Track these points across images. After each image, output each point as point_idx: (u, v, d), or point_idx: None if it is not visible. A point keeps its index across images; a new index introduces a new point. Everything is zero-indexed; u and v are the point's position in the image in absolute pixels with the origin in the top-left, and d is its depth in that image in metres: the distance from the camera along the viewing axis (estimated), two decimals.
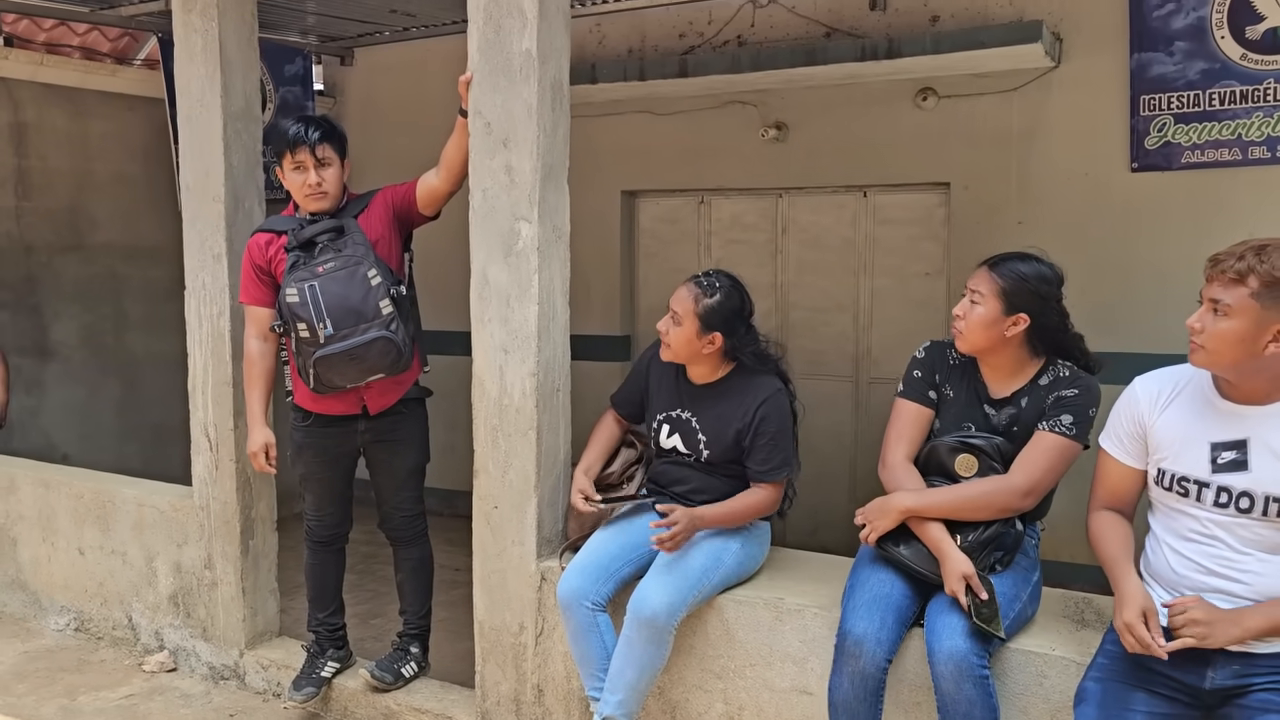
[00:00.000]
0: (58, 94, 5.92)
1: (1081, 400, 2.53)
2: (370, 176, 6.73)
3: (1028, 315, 2.55)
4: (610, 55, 5.91)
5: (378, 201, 3.40)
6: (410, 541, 3.59)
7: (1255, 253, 2.02)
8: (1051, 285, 2.59)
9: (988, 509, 2.49)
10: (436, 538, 5.74)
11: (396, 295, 3.23)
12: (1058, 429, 2.50)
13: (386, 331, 3.20)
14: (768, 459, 2.88)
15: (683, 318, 2.88)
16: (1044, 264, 2.62)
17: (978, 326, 2.56)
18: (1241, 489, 2.09)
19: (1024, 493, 2.49)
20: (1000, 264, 2.59)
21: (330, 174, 3.31)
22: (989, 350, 2.59)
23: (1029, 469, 2.49)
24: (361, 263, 3.21)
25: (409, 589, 3.63)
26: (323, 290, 3.18)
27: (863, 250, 5.58)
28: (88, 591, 4.38)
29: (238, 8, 3.67)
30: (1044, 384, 2.59)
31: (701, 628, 2.89)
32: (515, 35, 2.97)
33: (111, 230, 6.21)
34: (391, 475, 3.52)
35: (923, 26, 5.11)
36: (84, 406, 6.12)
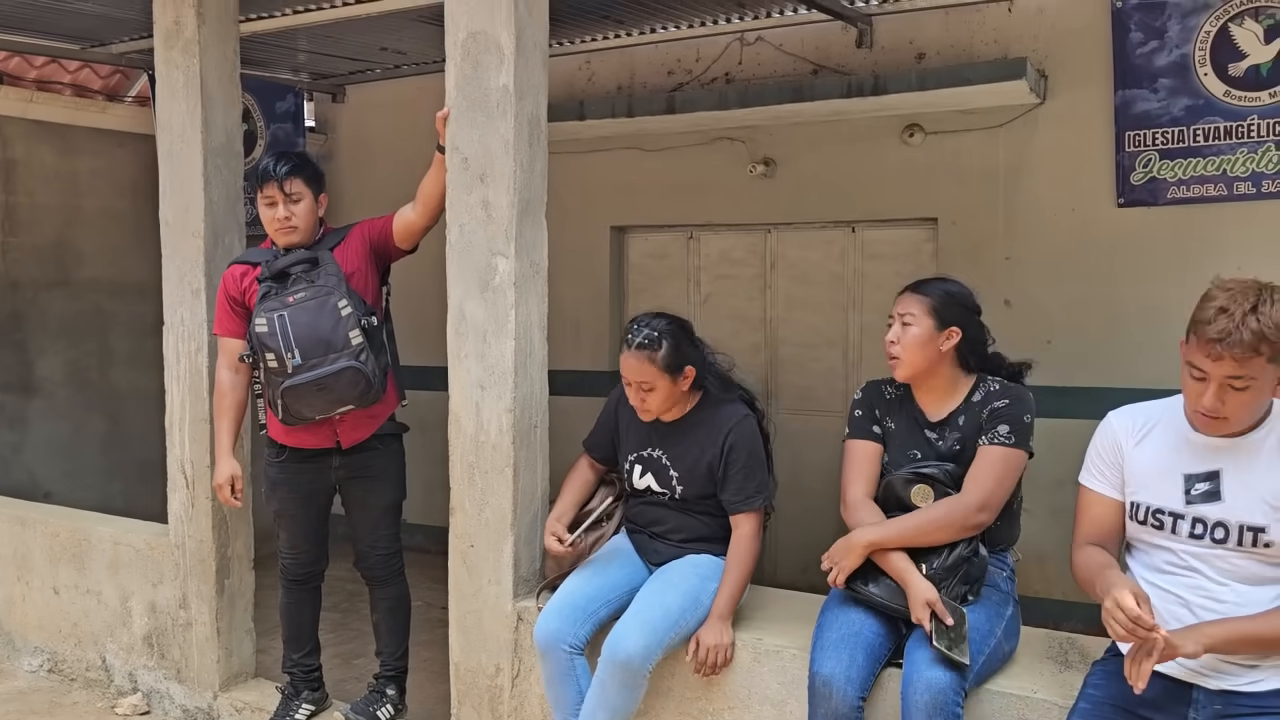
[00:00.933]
0: (47, 130, 5.94)
1: (1014, 409, 2.57)
2: (362, 212, 6.68)
3: (959, 328, 2.61)
4: (599, 92, 5.93)
5: (355, 235, 3.39)
6: (386, 581, 3.54)
7: (1254, 317, 1.93)
8: (972, 298, 2.70)
9: (948, 528, 2.49)
10: (421, 575, 5.69)
11: (367, 326, 3.21)
12: (997, 440, 2.54)
13: (355, 362, 3.17)
14: (741, 487, 2.85)
15: (652, 381, 2.85)
16: (960, 283, 2.71)
17: (915, 347, 2.60)
18: (1216, 519, 2.08)
19: (978, 507, 2.50)
20: (922, 285, 2.67)
21: (300, 209, 3.32)
22: (926, 371, 2.63)
23: (978, 484, 2.52)
24: (332, 293, 3.20)
25: (385, 629, 3.57)
26: (292, 320, 3.17)
27: (851, 286, 5.57)
28: (61, 632, 4.31)
29: (219, 44, 3.68)
30: (977, 400, 2.63)
31: (679, 669, 2.83)
32: (492, 71, 2.97)
33: (98, 266, 6.19)
34: (367, 512, 3.47)
35: (909, 63, 5.13)
36: (68, 443, 6.07)
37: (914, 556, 2.50)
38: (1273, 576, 2.05)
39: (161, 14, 3.69)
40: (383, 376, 3.29)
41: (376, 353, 3.26)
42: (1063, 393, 4.91)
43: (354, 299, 3.23)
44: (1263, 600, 2.04)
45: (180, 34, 3.64)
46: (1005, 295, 5.05)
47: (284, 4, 4.99)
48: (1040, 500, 4.81)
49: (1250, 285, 1.99)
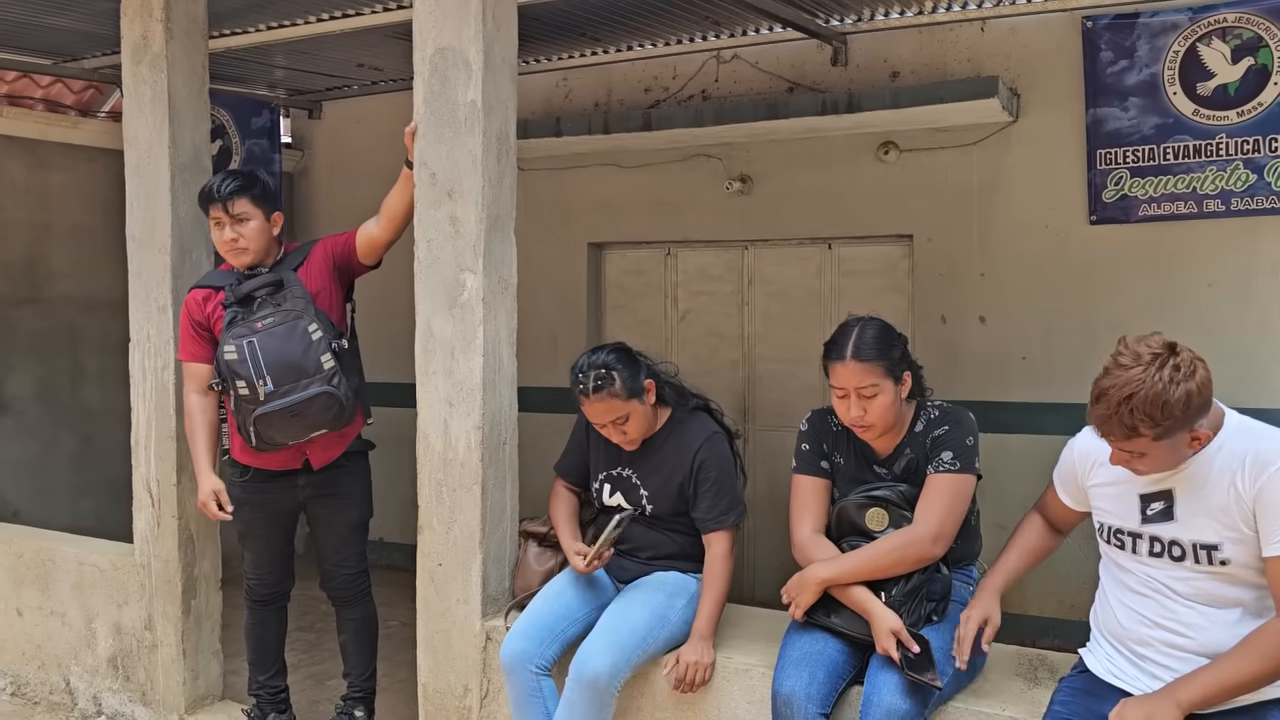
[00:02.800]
0: (17, 145, 5.88)
1: (954, 433, 2.55)
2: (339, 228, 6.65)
3: (909, 370, 2.60)
4: (576, 109, 5.93)
5: (317, 253, 3.35)
6: (352, 601, 3.49)
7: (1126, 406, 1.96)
8: (899, 333, 2.64)
9: (902, 563, 2.47)
10: (398, 594, 5.64)
11: (338, 349, 3.18)
12: (942, 468, 2.53)
13: (329, 386, 3.14)
14: (713, 504, 2.83)
15: (623, 412, 2.82)
16: (875, 321, 2.62)
17: (885, 412, 2.54)
18: (1170, 538, 2.10)
19: (932, 539, 2.47)
20: (862, 349, 2.53)
21: (248, 230, 3.26)
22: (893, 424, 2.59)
23: (929, 515, 2.49)
24: (301, 317, 3.15)
25: (352, 650, 3.52)
26: (262, 347, 3.11)
27: (828, 302, 5.57)
28: (25, 654, 4.24)
29: (187, 59, 3.66)
30: (919, 430, 2.61)
31: (648, 688, 2.80)
32: (460, 87, 2.96)
33: (69, 282, 6.13)
34: (334, 531, 3.43)
35: (883, 81, 5.16)
36: (37, 462, 5.99)
37: (873, 584, 2.47)
38: (1234, 597, 2.05)
39: (129, 28, 3.67)
40: (354, 398, 3.26)
41: (348, 374, 3.22)
42: (1037, 409, 4.92)
43: (323, 321, 3.19)
44: (1227, 621, 2.04)
45: (148, 48, 3.62)
46: (980, 312, 5.07)
47: (259, 19, 4.97)
48: (1014, 515, 4.76)
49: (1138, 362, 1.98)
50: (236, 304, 3.23)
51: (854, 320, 2.60)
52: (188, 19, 3.64)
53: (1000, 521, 2.88)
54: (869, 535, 2.54)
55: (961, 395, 4.33)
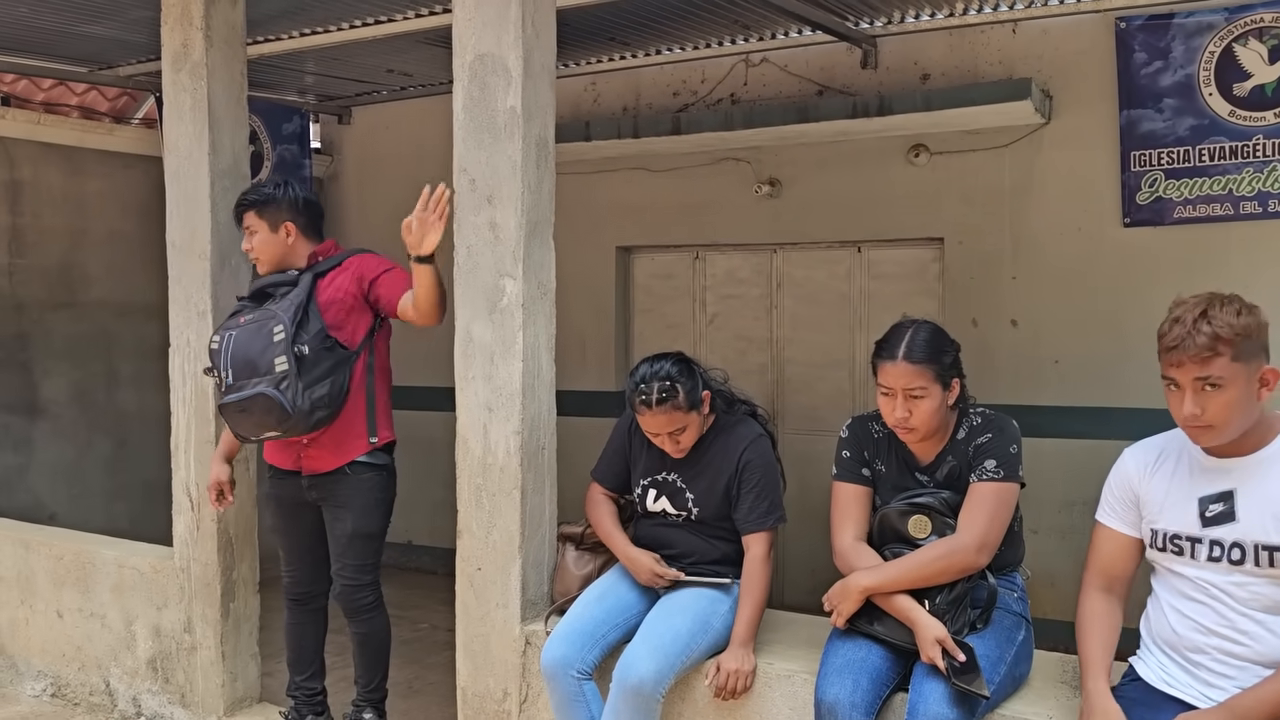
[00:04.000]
0: (54, 152, 5.96)
1: (998, 441, 2.53)
2: (368, 233, 6.78)
3: (958, 377, 2.58)
4: (605, 113, 5.95)
5: (352, 267, 3.37)
6: (354, 614, 3.43)
7: (1205, 321, 1.99)
8: (952, 339, 2.62)
9: (946, 573, 2.45)
10: (429, 597, 5.69)
11: (298, 354, 3.15)
12: (985, 476, 2.50)
13: (271, 389, 3.13)
14: (754, 505, 2.84)
15: (682, 422, 2.84)
16: (929, 324, 2.61)
17: (930, 416, 2.53)
18: (1232, 540, 2.07)
19: (976, 549, 2.46)
20: (914, 350, 2.52)
21: (256, 241, 3.38)
22: (936, 429, 2.58)
23: (973, 524, 2.47)
24: (273, 318, 3.19)
25: (358, 661, 3.52)
26: (235, 341, 3.20)
27: (858, 305, 5.56)
28: (65, 656, 4.28)
29: (227, 67, 3.69)
30: (962, 438, 2.59)
31: (689, 693, 2.80)
32: (500, 93, 2.97)
33: (104, 287, 6.20)
34: (334, 539, 3.43)
35: (914, 84, 5.15)
36: (73, 465, 6.07)
37: (916, 593, 2.46)
38: None
39: (170, 37, 3.70)
40: (324, 410, 3.22)
41: (313, 383, 3.18)
42: (1069, 412, 4.90)
43: (303, 326, 3.19)
44: None
45: (188, 56, 3.66)
46: (1012, 315, 5.05)
47: (291, 26, 5.02)
48: (1049, 521, 4.80)
49: (1203, 296, 2.06)
50: (249, 298, 3.35)
51: (908, 321, 2.59)
52: (227, 27, 3.68)
53: (1033, 526, 2.86)
54: (912, 542, 2.53)
55: (993, 399, 4.31)
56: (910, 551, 2.51)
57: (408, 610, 5.50)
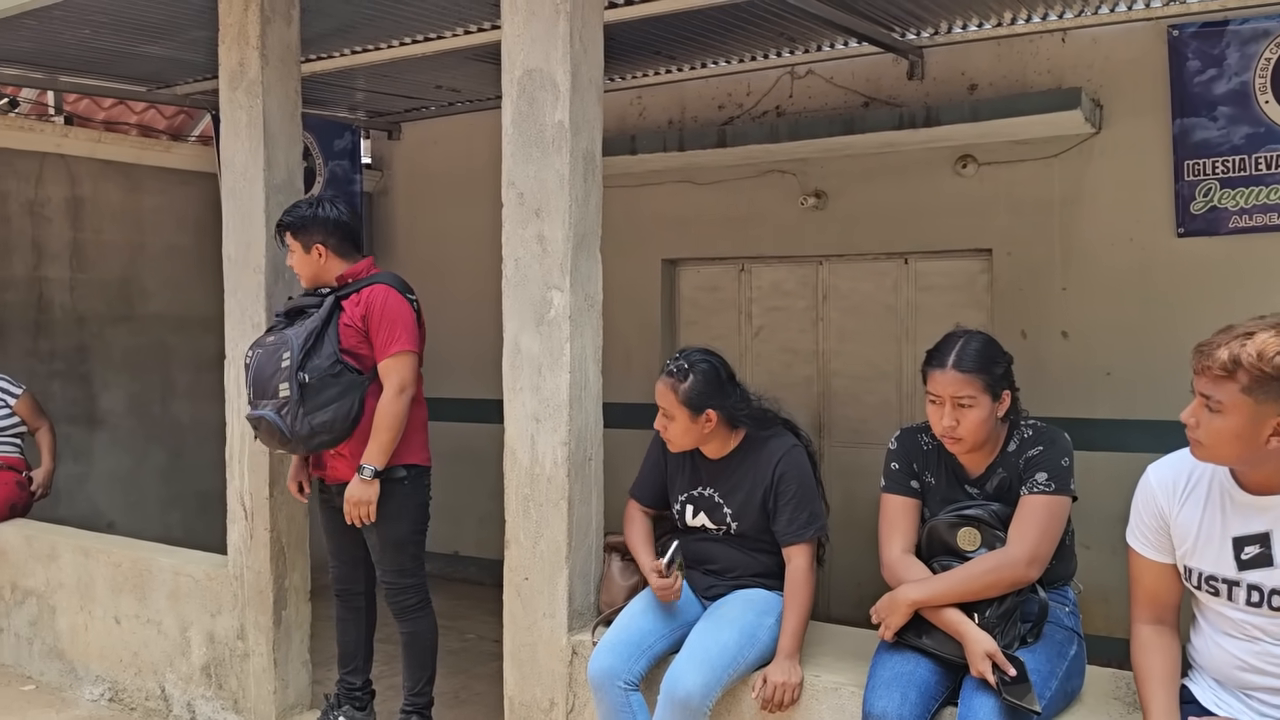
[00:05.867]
0: (114, 170, 6.12)
1: (1049, 454, 2.50)
2: (418, 247, 6.90)
3: (1009, 390, 2.55)
4: (650, 126, 5.98)
5: (364, 301, 3.43)
6: (399, 615, 3.57)
7: (1241, 342, 1.89)
8: (1003, 350, 2.59)
9: (996, 586, 2.42)
10: (476, 608, 5.73)
11: (302, 381, 3.27)
12: (1036, 489, 2.47)
13: (274, 414, 3.30)
14: (793, 517, 2.83)
15: (671, 411, 2.88)
16: (981, 334, 2.59)
17: (978, 427, 2.51)
18: (1272, 586, 1.97)
19: (1027, 562, 2.42)
20: (965, 359, 2.50)
21: (294, 260, 3.54)
22: (985, 441, 2.55)
23: (1024, 537, 2.44)
24: (286, 344, 3.32)
25: (404, 664, 3.62)
26: (256, 361, 3.38)
27: (905, 317, 5.53)
28: (122, 661, 4.37)
29: (281, 85, 3.77)
30: (1013, 450, 2.56)
31: (735, 706, 2.79)
32: (548, 107, 3.01)
33: (161, 301, 6.35)
34: (371, 546, 3.57)
35: (961, 95, 5.11)
36: (130, 475, 6.21)
37: (965, 606, 2.43)
38: None
39: (226, 56, 3.79)
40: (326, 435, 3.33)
41: (315, 409, 3.29)
42: (1122, 425, 4.82)
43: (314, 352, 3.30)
44: None
45: (244, 75, 3.74)
46: (1062, 327, 4.99)
47: (343, 44, 5.11)
48: (1100, 536, 4.71)
49: (1272, 320, 1.93)
50: (284, 315, 3.50)
51: (960, 331, 2.58)
52: (282, 46, 3.76)
53: (1085, 541, 2.81)
54: (960, 555, 2.51)
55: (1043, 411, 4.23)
56: (959, 564, 2.48)
57: (455, 620, 5.54)
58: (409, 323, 3.42)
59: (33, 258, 5.85)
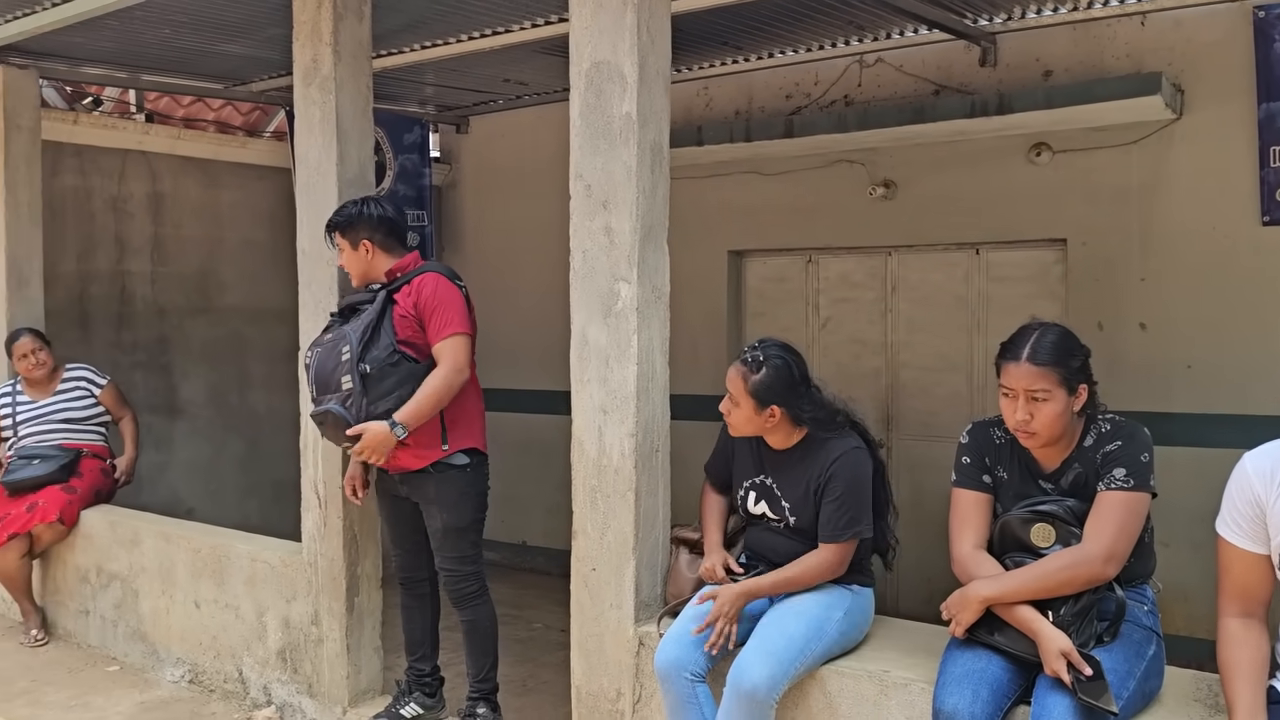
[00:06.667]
0: (192, 165, 6.29)
1: (1128, 449, 2.43)
2: (486, 239, 6.97)
3: (1086, 383, 2.48)
4: (717, 117, 5.96)
5: (414, 289, 3.48)
6: (458, 604, 3.63)
7: None
8: (1081, 344, 2.52)
9: (1071, 584, 2.36)
10: (543, 598, 5.78)
11: (364, 373, 3.33)
12: (1115, 485, 2.40)
13: (339, 406, 3.34)
14: (830, 518, 2.81)
15: (738, 398, 2.87)
16: (1058, 327, 2.53)
17: (1053, 422, 2.45)
18: None
19: (1104, 560, 2.36)
20: (1040, 352, 2.45)
21: (344, 258, 3.59)
22: (1060, 436, 2.50)
23: (1100, 534, 2.38)
24: (344, 338, 3.37)
25: (466, 651, 3.69)
26: (316, 358, 3.43)
27: (976, 308, 5.43)
28: (202, 644, 4.50)
29: (354, 80, 3.82)
30: (1089, 445, 2.50)
31: (803, 700, 2.78)
32: (616, 99, 3.01)
33: (238, 293, 6.51)
34: (431, 534, 3.63)
35: (1035, 81, 5.00)
36: (209, 463, 6.38)
37: (1039, 604, 2.37)
38: None
39: (301, 53, 3.86)
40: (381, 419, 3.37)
41: (378, 398, 3.35)
42: (1203, 420, 4.69)
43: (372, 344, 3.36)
44: None
45: (318, 71, 3.80)
46: (1140, 318, 4.86)
47: (413, 40, 5.18)
48: (1181, 534, 4.58)
49: None
50: (338, 314, 3.56)
51: (1036, 324, 2.53)
52: (354, 42, 3.81)
53: (1164, 539, 2.74)
54: (1034, 552, 2.45)
55: (1120, 405, 4.13)
56: (1032, 561, 2.44)
57: (523, 610, 5.60)
58: (460, 307, 3.49)
59: (116, 252, 6.04)
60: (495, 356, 5.47)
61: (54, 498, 4.97)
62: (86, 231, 5.93)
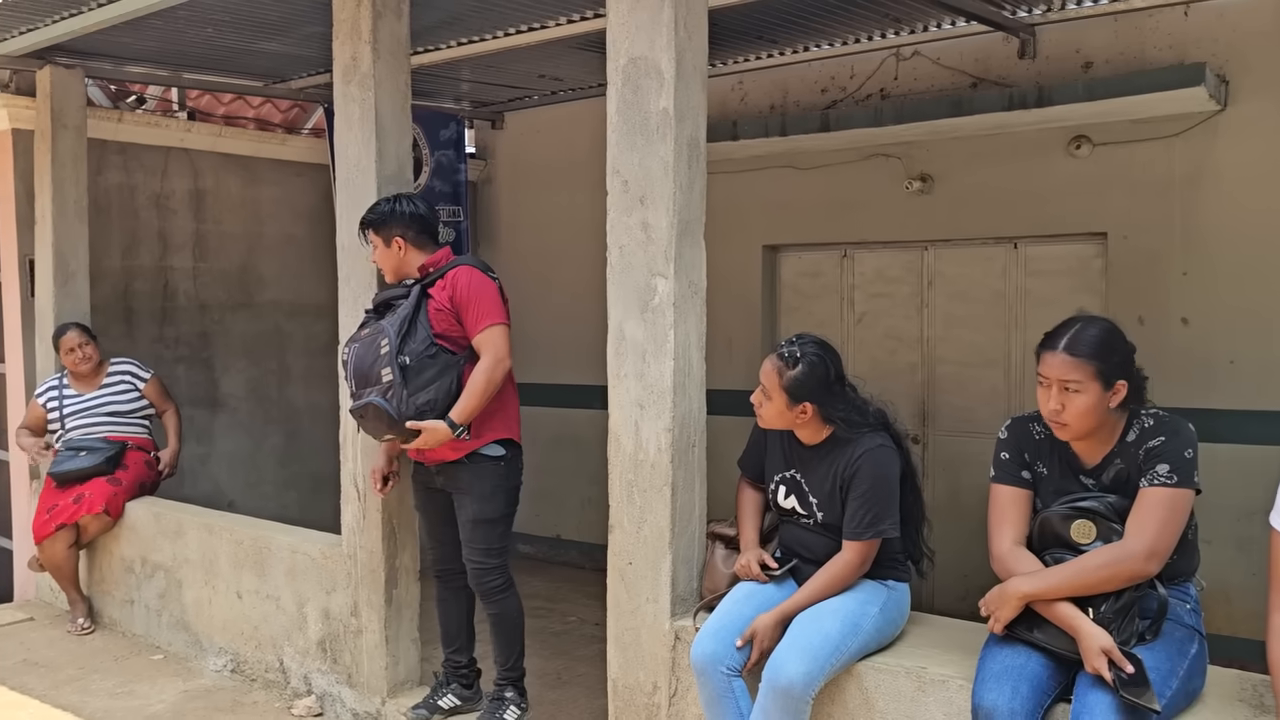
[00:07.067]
0: (233, 162, 6.37)
1: (1172, 445, 2.40)
2: (521, 234, 7.01)
3: (1125, 380, 2.45)
4: (752, 112, 5.94)
5: (449, 283, 3.53)
6: (485, 595, 3.66)
7: None
8: (1125, 339, 2.50)
9: (1112, 581, 2.34)
10: (575, 591, 5.81)
11: (403, 365, 3.37)
12: (1157, 481, 2.38)
13: (380, 399, 3.38)
14: (853, 516, 2.81)
15: (770, 392, 2.88)
16: (1103, 321, 2.51)
17: (1085, 414, 2.44)
18: None
19: (1145, 557, 2.34)
20: (1078, 344, 2.44)
21: (377, 255, 3.65)
22: (1094, 430, 2.47)
23: (1143, 530, 2.35)
24: (382, 332, 3.42)
25: (493, 642, 3.73)
26: (354, 353, 3.48)
27: (1014, 303, 5.38)
28: (243, 634, 4.57)
29: (392, 78, 3.86)
30: (1131, 440, 2.47)
31: (839, 695, 2.78)
32: (652, 95, 3.02)
33: (278, 289, 6.59)
34: (461, 525, 3.66)
35: (1075, 73, 4.95)
36: (249, 456, 6.47)
37: (1079, 601, 2.36)
38: None
39: (340, 50, 3.90)
40: (431, 413, 3.41)
41: (418, 390, 3.39)
42: (1247, 416, 4.62)
43: (409, 337, 3.41)
44: None
45: (357, 69, 3.84)
46: (1182, 313, 4.80)
47: (449, 36, 5.21)
48: (1224, 531, 4.53)
49: None
50: (373, 310, 3.60)
51: (1082, 316, 2.52)
52: (393, 39, 3.85)
53: (1207, 536, 2.70)
54: (1074, 548, 2.44)
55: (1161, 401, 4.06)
56: (1072, 558, 2.42)
57: (556, 603, 5.63)
58: (495, 297, 3.54)
59: (159, 248, 6.13)
60: (528, 350, 5.50)
61: (100, 489, 5.07)
62: (130, 228, 6.02)
